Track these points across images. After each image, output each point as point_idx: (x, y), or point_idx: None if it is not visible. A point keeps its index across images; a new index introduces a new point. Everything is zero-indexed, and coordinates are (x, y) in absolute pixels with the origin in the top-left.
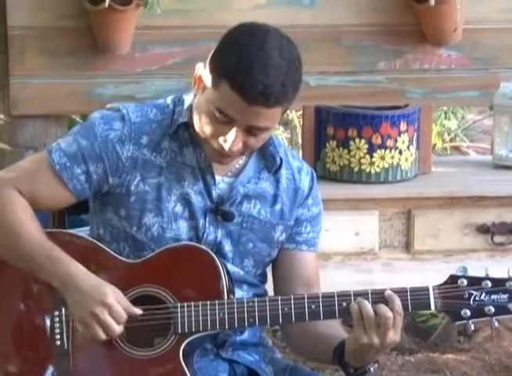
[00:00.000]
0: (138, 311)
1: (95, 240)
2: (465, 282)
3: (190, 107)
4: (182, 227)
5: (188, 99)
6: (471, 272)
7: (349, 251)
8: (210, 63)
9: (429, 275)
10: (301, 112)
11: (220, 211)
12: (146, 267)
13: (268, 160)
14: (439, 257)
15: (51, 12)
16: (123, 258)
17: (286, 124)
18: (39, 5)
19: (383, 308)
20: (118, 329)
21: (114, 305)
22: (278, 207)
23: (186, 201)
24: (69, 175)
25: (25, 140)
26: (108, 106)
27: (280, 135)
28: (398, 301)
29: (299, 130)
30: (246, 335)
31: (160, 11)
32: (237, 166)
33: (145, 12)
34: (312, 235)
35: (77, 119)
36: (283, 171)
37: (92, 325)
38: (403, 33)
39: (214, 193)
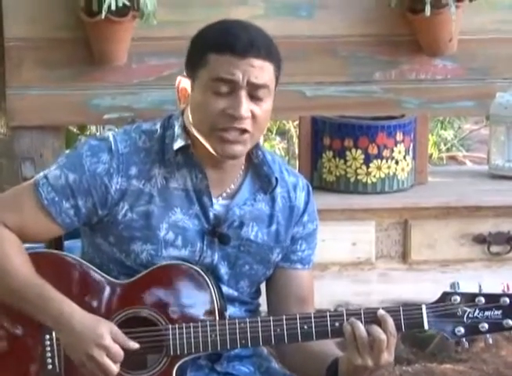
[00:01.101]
0: (134, 345)
1: (84, 261)
2: (458, 299)
3: (184, 129)
4: (173, 254)
5: (178, 122)
6: (464, 288)
7: (346, 262)
8: (189, 58)
9: (426, 285)
10: (297, 122)
11: (217, 234)
12: (136, 287)
13: (264, 181)
14: (436, 267)
15: (48, 24)
16: (112, 279)
17: (283, 134)
18: (36, 17)
19: (376, 330)
20: (116, 368)
21: (112, 347)
22: (273, 227)
23: (179, 229)
24: (57, 209)
25: (22, 151)
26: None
27: (277, 145)
28: (391, 322)
29: (296, 140)
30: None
31: (156, 22)
32: (232, 187)
33: (141, 24)
34: (307, 253)
35: (74, 130)
36: (278, 190)
37: (90, 367)
38: (399, 43)
39: (211, 214)
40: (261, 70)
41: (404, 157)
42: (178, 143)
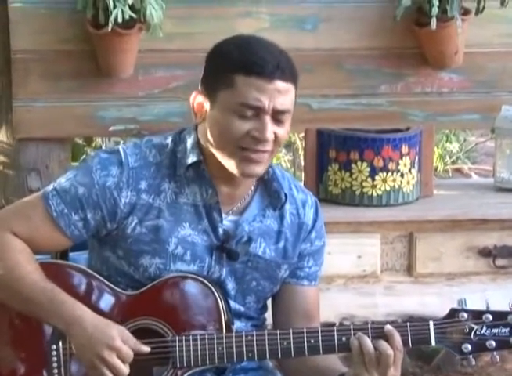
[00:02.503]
0: (146, 348)
1: (92, 272)
2: (465, 316)
3: (197, 144)
4: (182, 268)
5: (190, 137)
6: (471, 305)
7: (351, 274)
8: (210, 76)
9: (431, 298)
10: (303, 134)
11: (226, 250)
12: (143, 299)
13: (273, 197)
14: (441, 280)
15: (54, 36)
16: (120, 290)
17: (289, 146)
18: (42, 29)
19: (383, 345)
20: (126, 370)
21: (122, 348)
22: (281, 244)
23: (188, 244)
24: (66, 221)
25: (28, 163)
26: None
27: (283, 157)
28: (398, 338)
29: (301, 152)
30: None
31: (162, 34)
32: (242, 202)
33: (147, 36)
34: (314, 269)
35: (80, 142)
36: (288, 207)
37: (101, 368)
38: (404, 56)
39: (221, 230)
40: (286, 95)
41: (409, 170)
42: (191, 158)
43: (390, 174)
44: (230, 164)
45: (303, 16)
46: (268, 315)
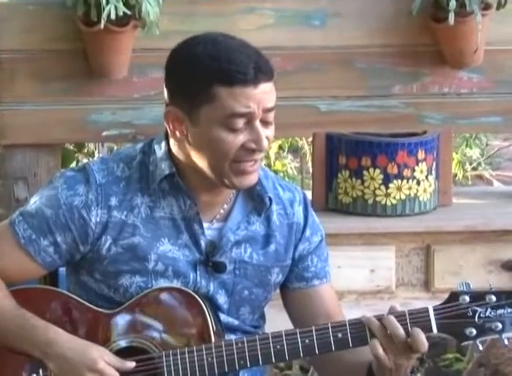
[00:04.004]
0: (130, 364)
1: (69, 293)
2: (467, 298)
3: (169, 154)
4: (165, 285)
5: (160, 147)
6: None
7: (364, 290)
8: (184, 92)
9: None
10: (311, 139)
11: (211, 263)
12: (126, 316)
13: (257, 202)
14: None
15: (43, 34)
16: (100, 309)
17: (296, 152)
18: (30, 27)
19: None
20: None
21: (105, 370)
22: (272, 247)
23: (169, 259)
24: (36, 248)
25: (14, 171)
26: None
27: (289, 164)
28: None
29: (309, 158)
30: None
31: (158, 32)
32: (225, 207)
33: (143, 34)
34: (321, 265)
35: (71, 148)
36: (274, 207)
37: None
38: (420, 54)
39: (203, 243)
40: (271, 93)
41: (426, 177)
42: (164, 171)
43: (405, 181)
44: (224, 179)
45: (310, 11)
46: (272, 326)
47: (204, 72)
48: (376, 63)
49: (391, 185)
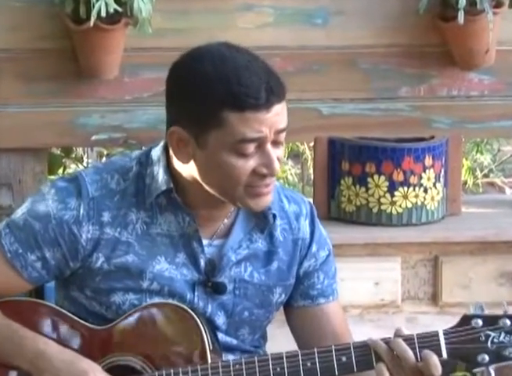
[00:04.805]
0: None
1: (58, 307)
2: (480, 322)
3: (167, 168)
4: None
5: (158, 160)
6: (488, 311)
7: (368, 304)
8: (190, 115)
9: None
10: (312, 144)
11: (210, 283)
12: (117, 332)
13: (260, 218)
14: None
15: (29, 33)
16: (90, 325)
17: (296, 157)
18: (16, 25)
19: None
20: None
21: None
22: (274, 265)
23: (165, 279)
24: (22, 262)
25: None
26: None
27: (289, 170)
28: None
29: (310, 164)
30: None
31: (151, 30)
32: (226, 222)
33: (135, 32)
34: (328, 282)
35: (58, 152)
36: (278, 222)
37: None
38: (428, 55)
39: (202, 261)
40: (283, 112)
41: (434, 185)
42: (161, 186)
43: (411, 189)
44: (237, 202)
45: (312, 9)
46: (274, 347)
47: (213, 96)
48: (382, 63)
49: (396, 193)
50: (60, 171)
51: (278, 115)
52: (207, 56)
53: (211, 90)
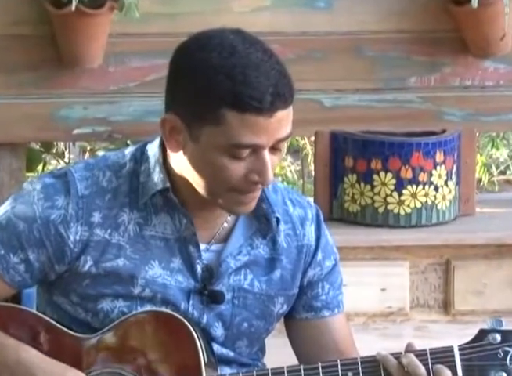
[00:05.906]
0: None
1: (40, 314)
2: (498, 338)
3: (163, 165)
4: None
5: (154, 156)
6: (506, 326)
7: (374, 312)
8: (189, 104)
9: None
10: (313, 138)
11: (207, 292)
12: (103, 342)
13: (262, 222)
14: (485, 319)
15: (5, 17)
16: (74, 334)
17: (296, 152)
18: None
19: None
20: None
21: None
22: (277, 274)
23: (158, 286)
24: (4, 265)
25: None
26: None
27: (288, 166)
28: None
29: (311, 160)
30: None
31: (138, 15)
32: (223, 229)
33: (120, 17)
34: (333, 293)
35: (37, 147)
36: (282, 227)
37: None
38: (439, 41)
39: (199, 268)
40: (288, 119)
41: (445, 183)
42: (157, 185)
43: (421, 187)
44: (218, 201)
45: None
46: (271, 361)
47: (214, 90)
48: (389, 51)
49: (404, 191)
50: (40, 167)
51: (281, 122)
52: (217, 45)
53: (213, 83)
